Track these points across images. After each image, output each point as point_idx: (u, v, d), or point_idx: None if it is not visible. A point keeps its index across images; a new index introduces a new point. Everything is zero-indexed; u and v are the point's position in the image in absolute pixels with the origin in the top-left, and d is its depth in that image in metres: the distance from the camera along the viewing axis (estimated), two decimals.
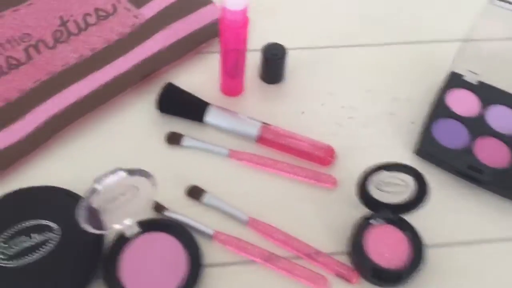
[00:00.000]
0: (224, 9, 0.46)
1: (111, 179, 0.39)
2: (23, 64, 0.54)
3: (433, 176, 0.49)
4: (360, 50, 0.59)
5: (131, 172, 0.40)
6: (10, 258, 0.42)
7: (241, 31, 0.47)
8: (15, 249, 0.42)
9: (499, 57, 0.52)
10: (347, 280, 0.44)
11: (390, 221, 0.45)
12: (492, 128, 0.51)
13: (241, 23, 0.46)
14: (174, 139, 0.51)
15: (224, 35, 0.48)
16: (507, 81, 0.54)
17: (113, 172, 0.39)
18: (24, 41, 0.55)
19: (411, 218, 0.45)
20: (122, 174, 0.39)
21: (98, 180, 0.39)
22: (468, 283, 0.45)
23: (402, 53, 0.59)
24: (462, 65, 0.54)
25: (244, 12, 0.46)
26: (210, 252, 0.45)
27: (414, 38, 0.60)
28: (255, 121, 0.51)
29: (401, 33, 0.61)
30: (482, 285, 0.45)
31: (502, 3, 0.48)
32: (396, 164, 0.44)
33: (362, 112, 0.55)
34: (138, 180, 0.41)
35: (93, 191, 0.39)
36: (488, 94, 0.53)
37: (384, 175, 0.44)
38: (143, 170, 0.41)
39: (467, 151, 0.50)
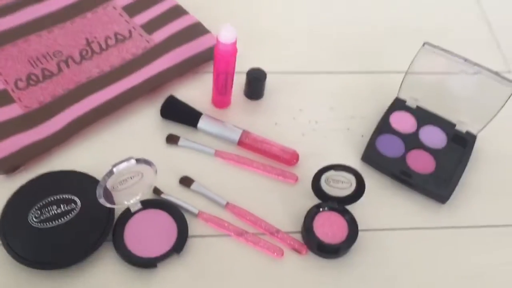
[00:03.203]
0: (217, 41, 0.59)
1: (124, 165, 0.52)
2: (55, 75, 0.67)
3: (373, 178, 0.63)
4: (327, 76, 0.73)
5: (139, 160, 0.53)
6: (41, 221, 0.55)
7: (230, 59, 0.61)
8: (46, 215, 0.55)
9: (434, 87, 0.66)
10: (298, 252, 0.57)
11: (334, 210, 0.59)
12: (423, 143, 0.65)
13: (231, 52, 0.60)
14: (172, 139, 0.64)
15: (216, 61, 0.62)
16: (439, 107, 0.67)
17: (126, 159, 0.53)
18: (56, 57, 0.69)
19: (352, 208, 0.59)
20: (133, 161, 0.53)
21: (114, 165, 0.52)
22: (390, 259, 0.58)
23: (362, 80, 0.73)
24: (406, 93, 0.68)
25: (233, 44, 0.59)
26: (195, 226, 0.58)
27: (371, 69, 0.74)
28: (237, 129, 0.65)
29: (362, 64, 0.75)
30: (401, 260, 0.58)
31: (432, 48, 0.62)
32: (341, 165, 0.57)
33: (324, 126, 0.68)
34: (143, 167, 0.55)
35: (110, 173, 0.52)
36: (423, 116, 0.67)
37: (332, 173, 0.57)
38: (148, 160, 0.54)
39: (401, 160, 0.63)
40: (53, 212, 0.55)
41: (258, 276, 0.56)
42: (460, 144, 0.65)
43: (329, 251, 0.56)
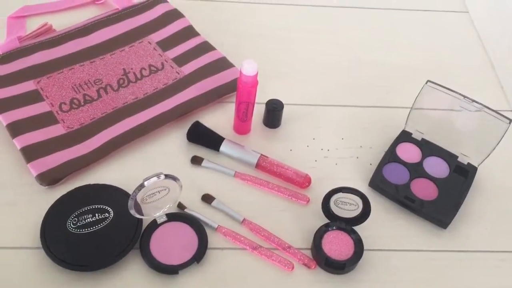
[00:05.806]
0: (240, 73, 0.67)
1: (154, 179, 0.59)
2: (95, 100, 0.75)
3: (379, 202, 0.68)
4: (340, 109, 0.80)
5: (167, 176, 0.60)
6: (78, 227, 0.61)
7: (251, 89, 0.68)
8: (83, 222, 0.62)
9: (438, 122, 0.72)
10: (308, 266, 0.62)
11: (342, 229, 0.64)
12: (426, 172, 0.70)
13: (252, 83, 0.67)
14: (196, 160, 0.71)
15: (239, 91, 0.69)
16: (443, 140, 0.73)
17: (156, 174, 0.59)
18: (96, 84, 0.77)
19: (358, 228, 0.64)
20: (162, 176, 0.60)
21: (146, 178, 0.59)
22: (393, 277, 0.63)
23: (371, 114, 0.79)
24: (412, 126, 0.74)
25: (255, 77, 0.67)
26: (214, 239, 0.63)
27: (380, 104, 0.80)
28: (256, 153, 0.71)
29: (371, 99, 0.81)
30: (403, 279, 0.62)
31: (434, 85, 0.68)
32: (349, 188, 0.62)
33: (335, 154, 0.74)
34: (170, 183, 0.61)
35: (141, 186, 0.59)
36: (428, 148, 0.73)
37: (341, 195, 0.63)
38: (175, 176, 0.61)
39: (406, 187, 0.68)
40: (88, 220, 0.62)
41: (270, 287, 0.61)
42: (462, 175, 0.70)
43: (335, 266, 0.61)
